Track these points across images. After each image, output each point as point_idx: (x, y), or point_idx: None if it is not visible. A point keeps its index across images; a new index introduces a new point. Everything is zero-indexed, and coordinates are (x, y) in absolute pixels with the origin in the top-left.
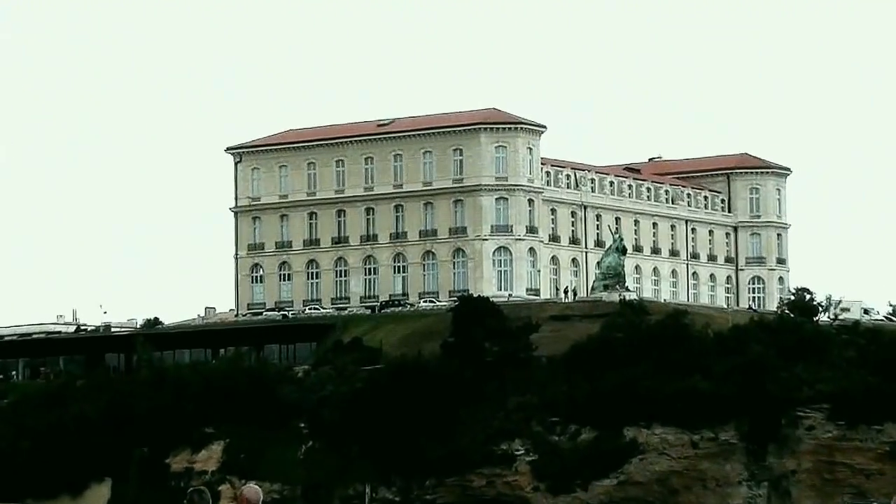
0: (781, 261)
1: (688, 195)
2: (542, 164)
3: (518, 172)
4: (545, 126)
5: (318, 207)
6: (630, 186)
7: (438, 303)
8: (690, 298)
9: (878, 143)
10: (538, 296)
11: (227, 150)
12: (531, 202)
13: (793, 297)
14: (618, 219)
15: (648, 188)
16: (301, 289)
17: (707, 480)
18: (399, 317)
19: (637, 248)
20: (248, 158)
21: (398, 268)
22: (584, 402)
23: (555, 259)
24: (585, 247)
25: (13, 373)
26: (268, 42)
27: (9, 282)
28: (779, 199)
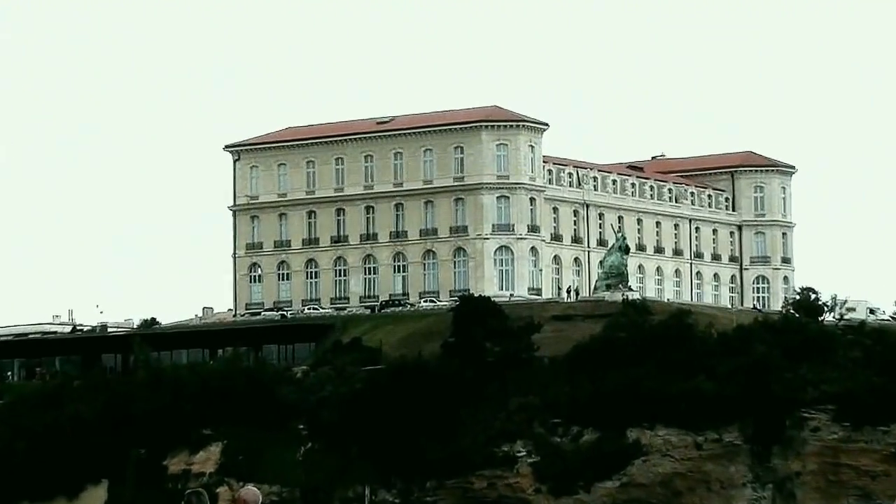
0: (786, 260)
1: (691, 193)
2: (544, 163)
3: (520, 171)
4: (547, 124)
5: (318, 206)
6: (633, 185)
7: (439, 302)
8: (694, 298)
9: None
10: (540, 295)
11: (226, 148)
12: (533, 201)
13: (798, 297)
14: (620, 217)
15: (651, 186)
16: (300, 288)
17: (711, 482)
18: (399, 317)
19: (640, 247)
20: (247, 156)
21: (398, 267)
22: (587, 403)
23: (557, 258)
24: (588, 246)
25: (9, 373)
26: (266, 39)
27: (4, 281)
28: (783, 198)
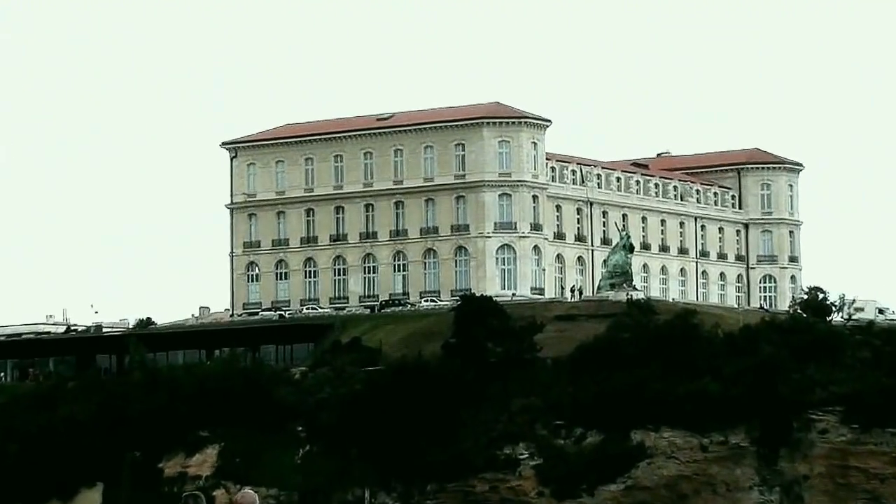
0: (793, 259)
1: (697, 191)
2: (547, 160)
3: (522, 168)
4: (550, 120)
5: (316, 204)
6: (637, 182)
7: (440, 302)
8: (700, 298)
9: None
10: (543, 295)
11: (223, 145)
12: (535, 198)
13: (805, 297)
14: (625, 215)
15: (656, 184)
16: (298, 288)
17: (717, 485)
18: (399, 317)
19: (645, 246)
20: (244, 154)
21: (398, 266)
22: (590, 405)
23: (560, 257)
24: (591, 244)
25: (1, 374)
26: (264, 34)
27: None
28: (791, 196)
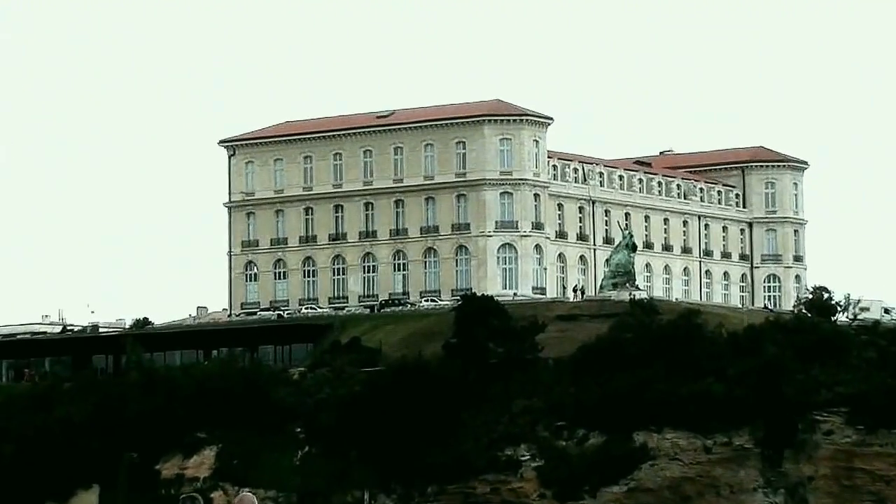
0: (798, 258)
1: (700, 190)
2: (549, 158)
3: (523, 166)
4: (552, 118)
5: (315, 203)
6: (640, 180)
7: (440, 302)
8: (703, 297)
9: None
10: (544, 295)
11: (221, 143)
12: (537, 197)
13: (810, 296)
14: (627, 214)
15: (659, 182)
16: (297, 287)
17: (721, 487)
18: (399, 317)
19: (647, 245)
20: (242, 152)
21: (398, 265)
22: (593, 406)
23: (562, 256)
24: (594, 243)
25: None
26: (262, 31)
27: None
28: (795, 194)
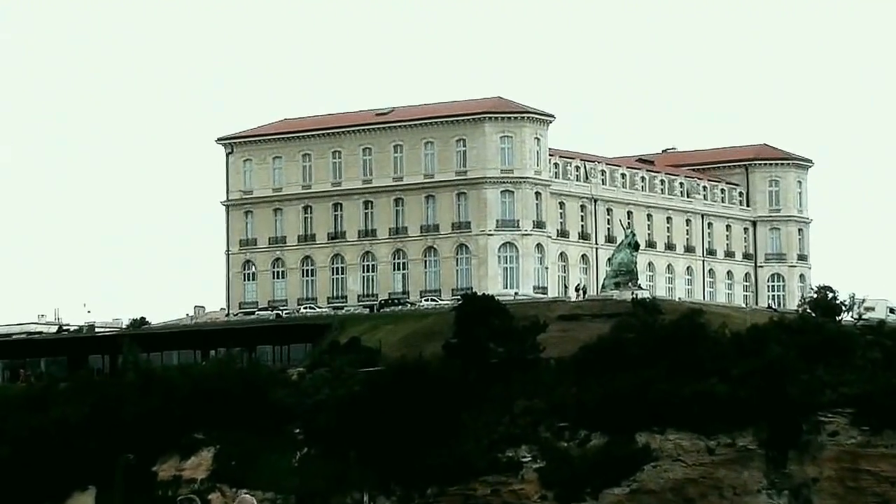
0: (802, 257)
1: (704, 188)
2: (550, 156)
3: (525, 164)
4: (553, 115)
5: (314, 201)
6: (643, 179)
7: (440, 301)
8: (706, 297)
9: None
10: (546, 294)
11: (218, 141)
12: (538, 195)
13: (814, 296)
14: (630, 213)
15: (662, 181)
16: (296, 287)
17: (724, 489)
18: (399, 316)
19: (650, 244)
20: (240, 149)
21: (398, 265)
22: (595, 407)
23: (563, 255)
24: (596, 242)
25: None
26: (261, 28)
27: None
28: (800, 193)
